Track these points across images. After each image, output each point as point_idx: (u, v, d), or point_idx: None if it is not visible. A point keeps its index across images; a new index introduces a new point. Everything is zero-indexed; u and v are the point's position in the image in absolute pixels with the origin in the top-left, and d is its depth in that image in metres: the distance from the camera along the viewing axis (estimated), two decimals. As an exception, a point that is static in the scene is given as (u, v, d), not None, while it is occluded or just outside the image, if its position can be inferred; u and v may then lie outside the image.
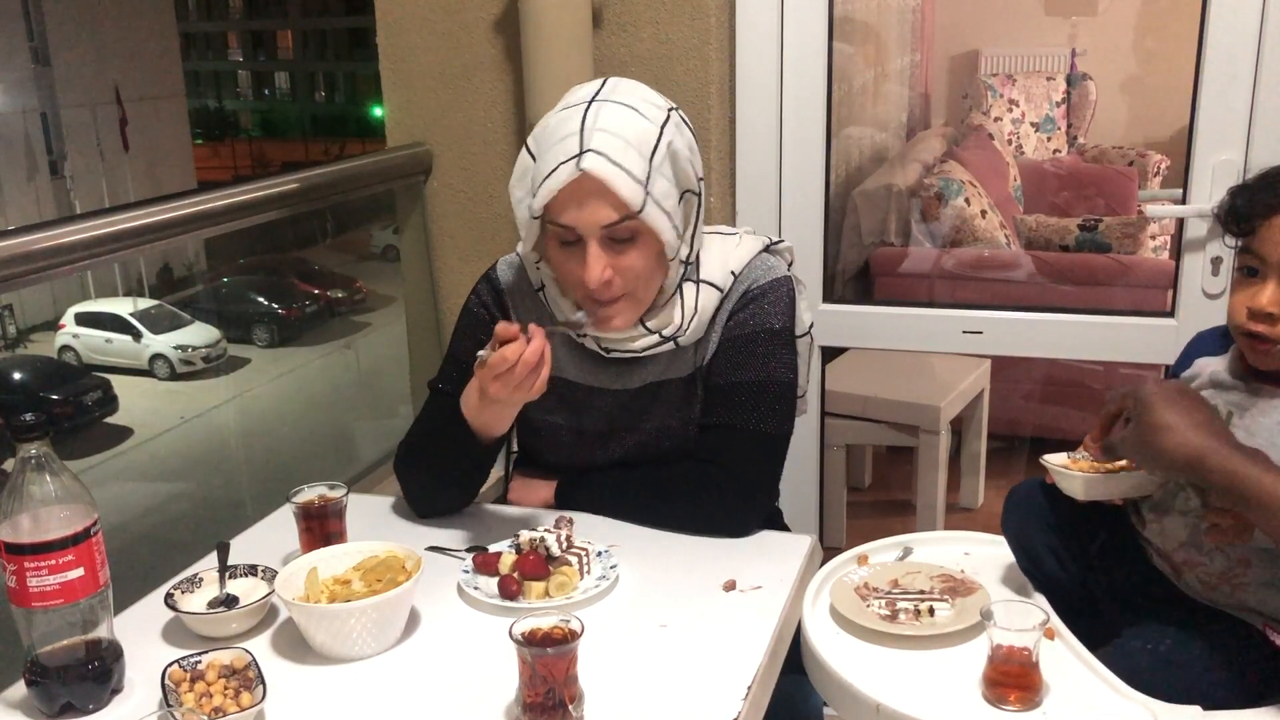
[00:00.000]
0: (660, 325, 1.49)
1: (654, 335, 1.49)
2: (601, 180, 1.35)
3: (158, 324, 16.34)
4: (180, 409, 14.57)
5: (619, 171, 1.35)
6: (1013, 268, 3.77)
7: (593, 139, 1.36)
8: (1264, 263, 1.22)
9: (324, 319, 17.92)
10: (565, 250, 1.42)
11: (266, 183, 2.11)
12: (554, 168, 1.36)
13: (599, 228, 1.38)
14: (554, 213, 1.39)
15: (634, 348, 1.50)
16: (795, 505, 2.27)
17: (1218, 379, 1.32)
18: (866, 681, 1.22)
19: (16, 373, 15.39)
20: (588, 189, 1.36)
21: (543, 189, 1.37)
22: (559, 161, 1.36)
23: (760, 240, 1.57)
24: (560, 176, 1.36)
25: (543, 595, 1.31)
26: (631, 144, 1.36)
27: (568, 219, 1.38)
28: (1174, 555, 1.32)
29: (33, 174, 20.35)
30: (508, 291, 1.60)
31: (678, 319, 1.49)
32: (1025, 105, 5.20)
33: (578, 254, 1.41)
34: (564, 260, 1.43)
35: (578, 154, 1.35)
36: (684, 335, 1.50)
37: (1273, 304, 1.20)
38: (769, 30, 2.16)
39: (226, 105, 42.87)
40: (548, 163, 1.38)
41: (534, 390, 1.37)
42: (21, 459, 1.08)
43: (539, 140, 1.42)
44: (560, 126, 1.39)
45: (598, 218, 1.38)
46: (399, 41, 2.39)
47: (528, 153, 1.44)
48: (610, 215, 1.38)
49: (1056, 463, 1.33)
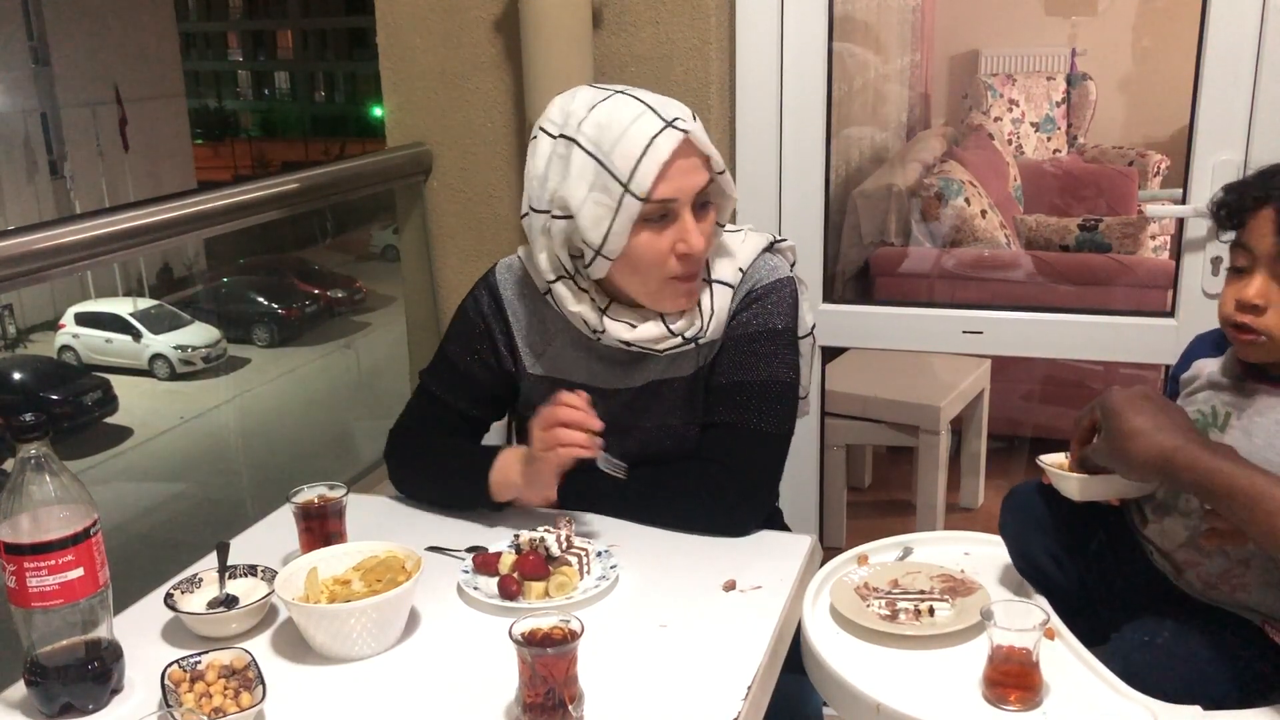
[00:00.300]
0: (684, 328, 1.48)
1: (677, 337, 1.48)
2: (695, 143, 1.39)
3: (158, 324, 16.35)
4: (180, 409, 14.58)
5: (703, 133, 1.40)
6: (1013, 268, 3.77)
7: (666, 110, 1.39)
8: (1252, 255, 1.23)
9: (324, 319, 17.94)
10: (651, 228, 1.41)
11: (266, 183, 2.11)
12: (648, 143, 1.36)
13: (694, 193, 1.41)
14: (650, 191, 1.38)
15: (657, 348, 1.49)
16: (795, 505, 2.27)
17: (1215, 380, 1.32)
18: (867, 681, 1.22)
19: (16, 373, 15.40)
20: (679, 155, 1.38)
21: (645, 166, 1.36)
22: (650, 136, 1.36)
23: (764, 238, 1.57)
24: (664, 146, 1.36)
25: (543, 595, 1.31)
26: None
27: (666, 191, 1.38)
28: (1174, 555, 1.32)
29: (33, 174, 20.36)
30: (508, 299, 1.59)
31: (699, 321, 1.49)
32: (1025, 105, 5.20)
33: (668, 229, 1.41)
34: (652, 239, 1.41)
35: (666, 124, 1.37)
36: (704, 336, 1.50)
37: (1259, 295, 1.21)
38: (769, 30, 2.16)
39: (226, 105, 42.88)
40: (634, 143, 1.36)
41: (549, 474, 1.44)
42: (21, 459, 1.08)
43: (599, 136, 1.38)
44: (620, 112, 1.39)
45: (695, 182, 1.41)
46: (399, 41, 2.39)
47: (584, 153, 1.39)
48: (703, 178, 1.42)
49: (1052, 463, 1.34)
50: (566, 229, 1.43)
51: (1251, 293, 1.21)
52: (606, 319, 1.48)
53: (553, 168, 1.43)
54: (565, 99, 1.46)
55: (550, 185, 1.43)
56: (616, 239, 1.40)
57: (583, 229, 1.40)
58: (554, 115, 1.45)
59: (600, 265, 1.43)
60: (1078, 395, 3.47)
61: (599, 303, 1.49)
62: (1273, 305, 1.21)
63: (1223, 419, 1.28)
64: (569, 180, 1.40)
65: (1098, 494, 1.32)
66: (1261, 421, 1.24)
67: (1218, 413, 1.29)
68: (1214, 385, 1.32)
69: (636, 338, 1.48)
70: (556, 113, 1.45)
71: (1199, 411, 1.32)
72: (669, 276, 1.44)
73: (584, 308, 1.48)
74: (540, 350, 1.58)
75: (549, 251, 1.47)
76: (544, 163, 1.44)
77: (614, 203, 1.38)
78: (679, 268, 1.43)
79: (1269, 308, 1.21)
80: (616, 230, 1.39)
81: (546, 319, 1.58)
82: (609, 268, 1.44)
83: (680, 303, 1.47)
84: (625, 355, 1.53)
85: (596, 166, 1.39)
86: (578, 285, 1.48)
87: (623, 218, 1.38)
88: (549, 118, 1.46)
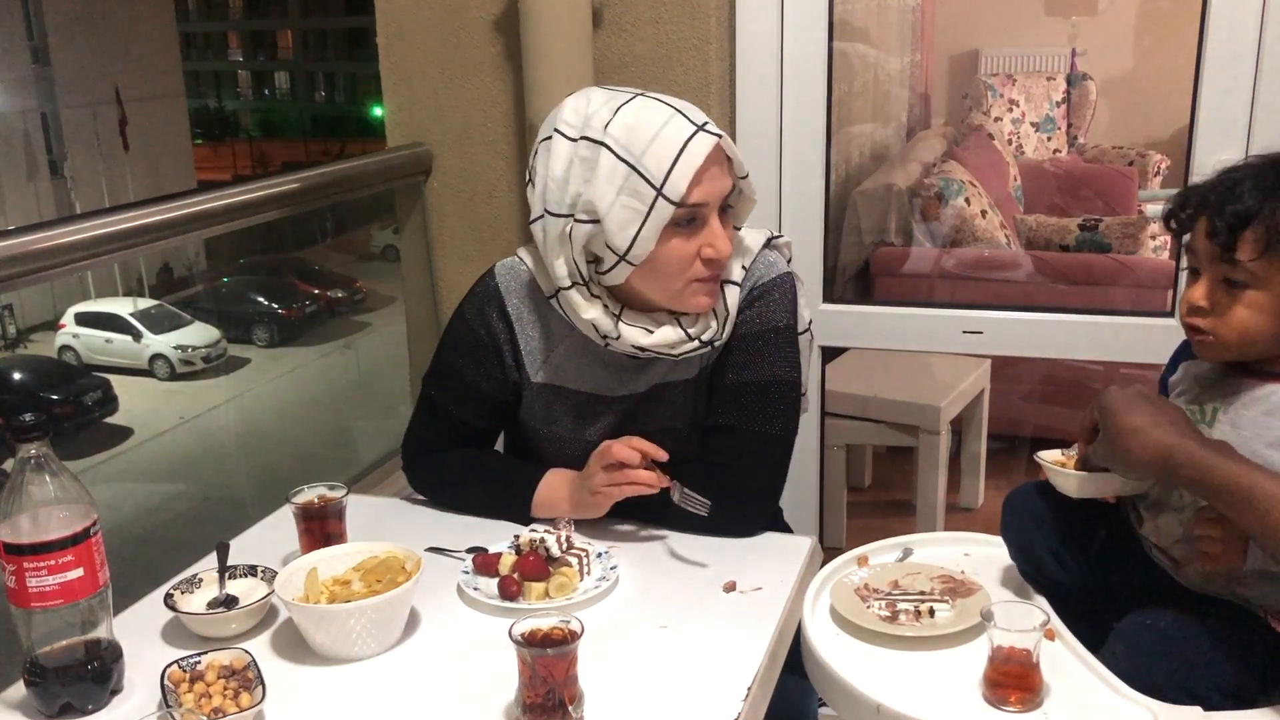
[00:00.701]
0: (700, 330, 1.47)
1: (694, 340, 1.47)
2: (725, 148, 1.40)
3: (158, 324, 16.35)
4: (180, 409, 14.58)
5: (729, 138, 1.41)
6: (1013, 268, 3.77)
7: (693, 114, 1.40)
8: (1198, 259, 1.27)
9: (324, 319, 17.93)
10: (679, 233, 1.40)
11: (266, 183, 2.11)
12: (682, 146, 1.36)
13: (723, 198, 1.42)
14: (683, 194, 1.37)
15: (673, 353, 1.47)
16: (795, 505, 2.27)
17: (1201, 378, 1.35)
18: (867, 682, 1.22)
19: (16, 373, 15.40)
20: (712, 160, 1.38)
21: (680, 170, 1.35)
22: (684, 139, 1.36)
23: (762, 234, 1.57)
24: (698, 150, 1.36)
25: (543, 596, 1.31)
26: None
27: (699, 195, 1.38)
28: (1171, 550, 1.32)
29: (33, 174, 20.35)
30: (513, 306, 1.56)
31: (714, 324, 1.48)
32: (1025, 105, 5.20)
33: (694, 234, 1.41)
34: (680, 244, 1.41)
35: (698, 128, 1.38)
36: (720, 338, 1.50)
37: (1203, 298, 1.25)
38: (769, 30, 2.16)
39: (226, 105, 42.88)
40: (667, 147, 1.36)
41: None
42: (21, 459, 1.08)
43: (629, 139, 1.37)
44: (649, 115, 1.38)
45: (724, 186, 1.41)
46: (399, 41, 2.39)
47: (612, 155, 1.38)
48: (729, 183, 1.42)
49: (1050, 460, 1.34)
50: (590, 233, 1.41)
51: (1197, 295, 1.26)
52: (622, 324, 1.45)
53: (574, 171, 1.40)
54: (578, 101, 1.43)
55: (572, 189, 1.40)
56: (644, 243, 1.38)
57: (609, 233, 1.39)
58: (568, 118, 1.42)
59: (621, 270, 1.42)
60: (1078, 395, 3.47)
61: (612, 308, 1.47)
62: (1217, 306, 1.24)
63: (1210, 415, 1.30)
64: (595, 183, 1.38)
65: (1095, 491, 1.32)
66: (1247, 414, 1.26)
67: (1205, 409, 1.31)
68: (1200, 383, 1.34)
69: (654, 343, 1.46)
70: (571, 115, 1.42)
71: (1188, 409, 1.33)
72: (693, 279, 1.43)
73: (596, 314, 1.45)
74: (544, 357, 1.56)
75: (566, 256, 1.44)
76: (564, 166, 1.41)
77: (645, 206, 1.37)
78: (704, 270, 1.43)
79: (1213, 308, 1.25)
80: (645, 235, 1.38)
81: (551, 325, 1.55)
82: (629, 273, 1.42)
83: (704, 303, 1.46)
84: (630, 361, 1.51)
85: (627, 170, 1.37)
86: (590, 291, 1.46)
87: (653, 222, 1.37)
88: (564, 120, 1.42)
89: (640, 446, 1.42)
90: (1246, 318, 1.22)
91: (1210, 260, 1.25)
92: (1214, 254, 1.23)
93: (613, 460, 1.42)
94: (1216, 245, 1.22)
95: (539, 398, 1.56)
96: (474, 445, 1.61)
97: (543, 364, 1.56)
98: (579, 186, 1.40)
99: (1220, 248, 1.22)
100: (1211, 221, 1.23)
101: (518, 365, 1.57)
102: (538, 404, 1.56)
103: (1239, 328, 1.23)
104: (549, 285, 1.49)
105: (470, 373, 1.57)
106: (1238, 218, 1.21)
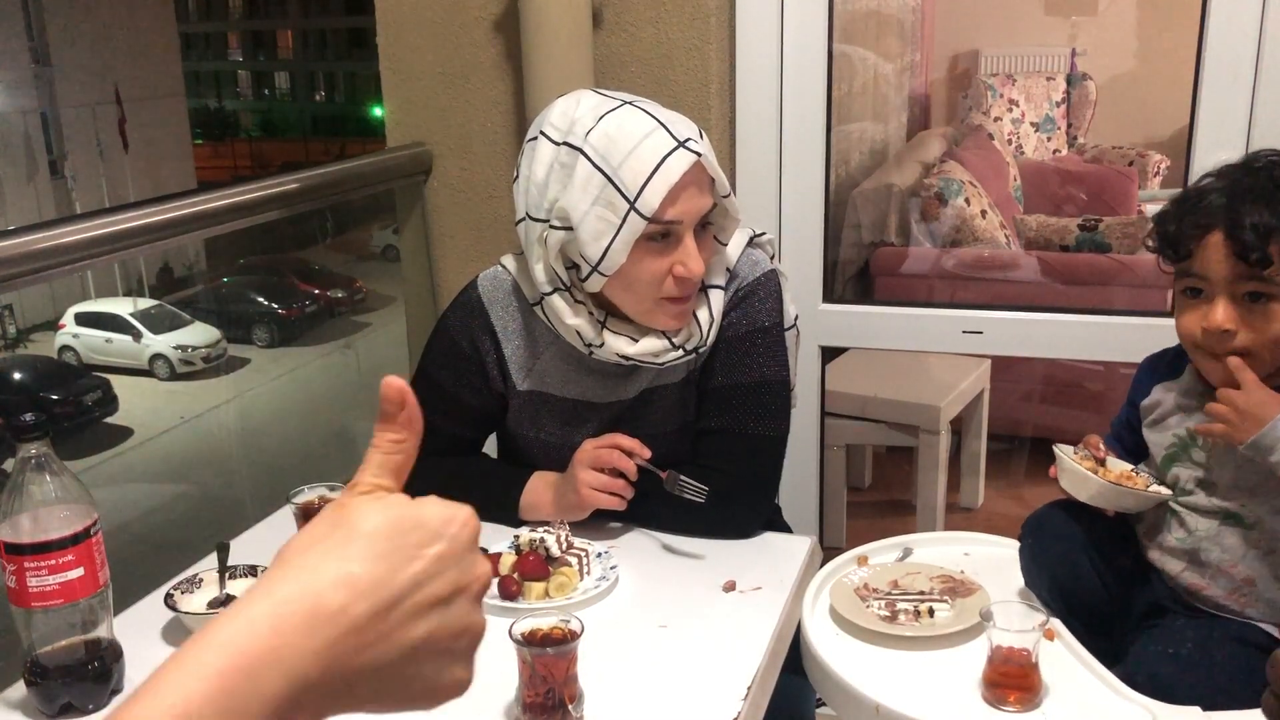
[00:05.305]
0: (684, 339, 1.45)
1: (678, 349, 1.45)
2: (706, 166, 1.36)
3: (158, 324, 16.33)
4: (180, 409, 14.56)
5: (712, 155, 1.38)
6: (1013, 268, 3.77)
7: (677, 128, 1.36)
8: (1207, 281, 1.24)
9: (324, 319, 17.91)
10: (651, 248, 1.37)
11: (266, 183, 2.11)
12: (659, 162, 1.33)
13: (699, 216, 1.38)
14: (656, 210, 1.34)
15: (657, 362, 1.45)
16: (795, 505, 2.27)
17: (1182, 403, 1.33)
18: (866, 682, 1.22)
19: (16, 373, 15.37)
20: (689, 178, 1.35)
21: (654, 185, 1.32)
22: (662, 155, 1.33)
23: (744, 233, 1.55)
24: (675, 167, 1.33)
25: (542, 596, 1.31)
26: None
27: (673, 213, 1.35)
28: (1179, 579, 1.33)
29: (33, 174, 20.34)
30: (496, 316, 1.54)
31: (698, 332, 1.46)
32: (1025, 105, 5.19)
33: (667, 250, 1.38)
34: (651, 259, 1.38)
35: (678, 144, 1.34)
36: (705, 346, 1.48)
37: (1228, 320, 1.22)
38: (769, 30, 2.16)
39: (226, 105, 42.85)
40: (644, 161, 1.33)
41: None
42: (21, 459, 1.08)
43: (607, 149, 1.35)
44: (630, 126, 1.35)
45: (701, 205, 1.38)
46: (399, 41, 2.39)
47: (589, 164, 1.35)
48: (708, 202, 1.39)
49: (1069, 457, 1.33)
50: (564, 239, 1.39)
51: (1220, 319, 1.22)
52: (606, 332, 1.44)
53: (554, 176, 1.39)
54: (568, 104, 1.41)
55: (550, 194, 1.39)
56: (616, 255, 1.36)
57: (582, 242, 1.37)
58: (556, 120, 1.40)
59: (595, 280, 1.40)
60: (1078, 395, 3.47)
61: (597, 316, 1.45)
62: (1242, 326, 1.22)
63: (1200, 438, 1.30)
64: (571, 191, 1.36)
65: (1105, 502, 1.33)
66: None
67: (1193, 434, 1.30)
68: (1183, 408, 1.33)
69: (638, 352, 1.44)
70: (558, 117, 1.40)
71: (1175, 436, 1.33)
72: (662, 297, 1.41)
73: (581, 321, 1.43)
74: (529, 366, 1.54)
75: (545, 261, 1.42)
76: (545, 170, 1.39)
77: (617, 219, 1.34)
78: (674, 289, 1.40)
79: (1239, 330, 1.22)
80: (616, 247, 1.36)
81: (536, 332, 1.53)
82: (603, 283, 1.40)
83: (670, 323, 1.43)
84: (617, 368, 1.50)
85: (603, 180, 1.34)
86: (574, 298, 1.44)
87: (625, 235, 1.35)
88: (550, 122, 1.41)
89: (624, 444, 1.42)
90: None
91: (1230, 279, 1.22)
92: (1236, 272, 1.21)
93: (601, 464, 1.41)
94: (1243, 263, 1.20)
95: (526, 405, 1.55)
96: (459, 454, 1.59)
97: (528, 372, 1.54)
98: (557, 192, 1.38)
99: (1252, 264, 1.19)
100: (1237, 241, 1.20)
101: (503, 375, 1.55)
102: (525, 411, 1.56)
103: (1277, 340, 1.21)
104: (533, 292, 1.47)
105: (452, 385, 1.55)
106: (1261, 232, 1.18)
